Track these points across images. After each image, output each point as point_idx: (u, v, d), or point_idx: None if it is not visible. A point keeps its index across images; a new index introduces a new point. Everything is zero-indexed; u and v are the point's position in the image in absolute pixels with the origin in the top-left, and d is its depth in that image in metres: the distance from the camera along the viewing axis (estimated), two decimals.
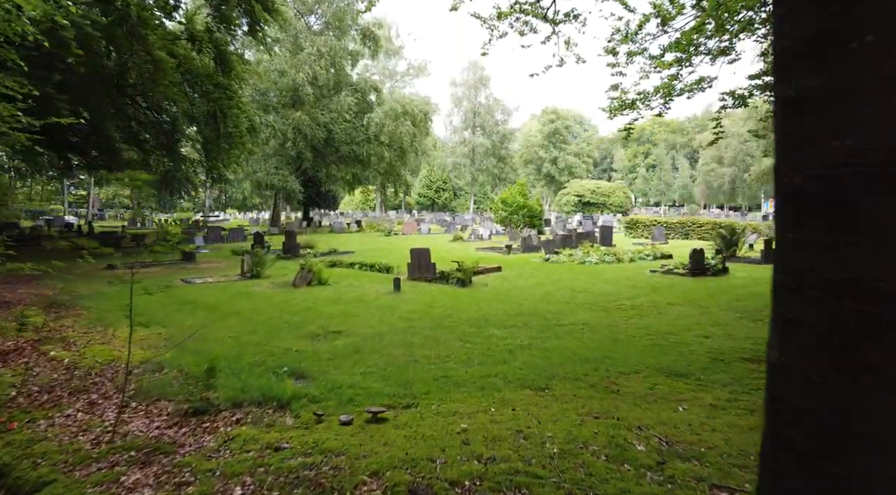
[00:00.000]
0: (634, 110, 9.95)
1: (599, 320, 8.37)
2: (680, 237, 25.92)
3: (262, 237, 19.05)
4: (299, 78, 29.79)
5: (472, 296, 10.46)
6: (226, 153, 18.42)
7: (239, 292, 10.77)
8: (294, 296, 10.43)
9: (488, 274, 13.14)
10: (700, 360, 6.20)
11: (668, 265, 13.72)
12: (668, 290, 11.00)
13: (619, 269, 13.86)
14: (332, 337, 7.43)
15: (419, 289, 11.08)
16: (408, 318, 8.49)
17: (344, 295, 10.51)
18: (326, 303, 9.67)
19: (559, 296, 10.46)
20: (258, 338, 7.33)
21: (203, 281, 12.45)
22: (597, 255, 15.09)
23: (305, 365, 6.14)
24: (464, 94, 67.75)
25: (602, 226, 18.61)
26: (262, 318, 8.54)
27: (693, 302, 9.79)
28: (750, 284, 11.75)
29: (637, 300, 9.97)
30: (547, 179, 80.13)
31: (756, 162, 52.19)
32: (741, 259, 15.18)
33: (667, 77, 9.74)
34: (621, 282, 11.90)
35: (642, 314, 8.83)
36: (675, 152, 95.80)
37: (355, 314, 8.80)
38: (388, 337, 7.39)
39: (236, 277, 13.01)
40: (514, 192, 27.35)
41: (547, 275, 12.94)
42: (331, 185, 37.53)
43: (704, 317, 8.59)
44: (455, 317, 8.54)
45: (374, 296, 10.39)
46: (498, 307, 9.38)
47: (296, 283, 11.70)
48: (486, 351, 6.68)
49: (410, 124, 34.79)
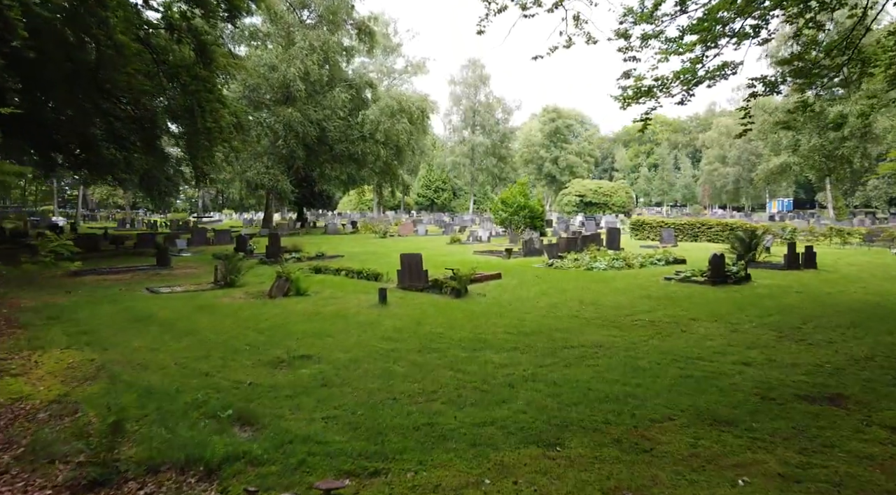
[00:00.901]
0: (652, 98, 8.75)
1: (614, 341, 7.16)
2: (688, 239, 24.71)
3: (245, 240, 17.86)
4: (290, 73, 28.58)
5: (468, 308, 9.26)
6: (206, 150, 17.22)
7: (204, 304, 9.57)
8: (265, 309, 9.23)
9: (486, 282, 11.95)
10: (746, 399, 5.00)
11: (683, 271, 12.52)
12: (688, 302, 9.79)
13: (629, 277, 12.65)
14: (298, 363, 6.23)
15: (408, 301, 9.88)
16: (391, 338, 7.29)
17: (322, 308, 9.31)
18: (300, 319, 8.47)
19: (566, 309, 9.26)
20: (209, 366, 6.14)
21: (170, 290, 11.25)
22: (605, 261, 13.88)
23: (258, 405, 4.95)
24: (463, 93, 66.51)
25: (609, 229, 17.41)
26: (221, 338, 7.34)
27: (719, 316, 8.59)
28: (778, 294, 10.54)
29: (655, 314, 8.77)
30: (548, 179, 78.93)
31: (763, 160, 50.90)
32: (761, 264, 13.98)
33: (689, 61, 8.54)
34: (634, 292, 10.70)
35: (663, 332, 7.63)
36: (677, 152, 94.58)
37: (331, 333, 7.59)
38: (364, 364, 6.19)
39: (209, 286, 11.82)
40: (515, 192, 26.14)
41: (551, 284, 11.73)
42: (324, 185, 36.31)
43: (736, 336, 7.39)
44: (446, 337, 7.34)
45: (355, 309, 9.19)
46: (496, 323, 8.18)
47: (271, 294, 10.50)
48: (482, 383, 5.49)
49: (407, 122, 33.56)
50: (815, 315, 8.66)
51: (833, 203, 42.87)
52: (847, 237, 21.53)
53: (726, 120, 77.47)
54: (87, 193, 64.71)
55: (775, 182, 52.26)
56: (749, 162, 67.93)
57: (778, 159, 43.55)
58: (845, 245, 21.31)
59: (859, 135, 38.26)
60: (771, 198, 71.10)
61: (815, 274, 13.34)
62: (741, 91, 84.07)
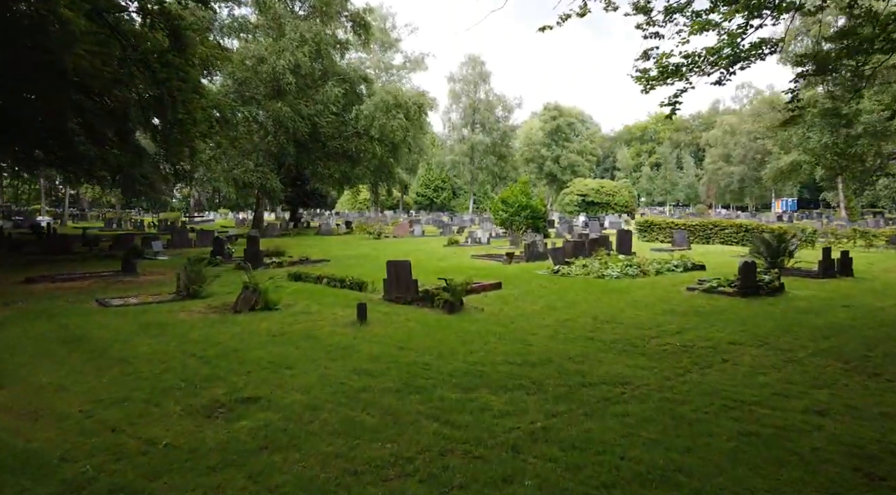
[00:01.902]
0: (681, 79, 7.32)
1: (643, 375, 5.75)
2: (700, 241, 23.29)
3: (223, 243, 16.44)
4: (280, 65, 27.14)
5: (462, 328, 7.85)
6: (180, 144, 15.80)
7: (152, 322, 8.15)
8: (223, 328, 7.81)
9: (485, 292, 10.54)
10: (844, 478, 3.58)
11: (707, 280, 11.11)
12: (720, 319, 8.38)
13: (647, 286, 11.23)
14: (239, 410, 4.82)
15: (392, 318, 8.46)
16: (366, 371, 5.88)
17: (290, 326, 7.90)
18: (260, 341, 7.05)
19: (578, 328, 7.85)
20: (123, 415, 4.73)
21: (123, 302, 9.84)
22: (617, 267, 12.46)
23: (163, 486, 3.55)
24: (462, 90, 65.14)
25: (619, 231, 15.99)
26: (154, 370, 5.92)
27: (763, 339, 7.17)
28: (822, 309, 9.13)
29: (685, 336, 7.36)
30: (549, 178, 77.56)
31: (772, 159, 49.43)
32: (790, 271, 12.57)
33: (726, 33, 7.12)
34: (655, 306, 9.28)
35: (701, 362, 6.22)
36: (679, 151, 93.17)
37: (292, 362, 6.18)
38: (325, 411, 4.78)
39: (169, 296, 10.40)
40: (516, 191, 24.75)
41: (559, 295, 10.32)
42: (317, 184, 34.85)
43: (793, 369, 5.97)
44: (434, 369, 5.93)
45: (329, 328, 7.77)
46: (495, 348, 6.77)
47: (236, 307, 9.10)
48: (476, 445, 4.08)
49: (403, 117, 32.11)
50: (879, 338, 7.25)
51: (845, 202, 41.44)
52: (872, 239, 20.11)
53: (730, 118, 76.08)
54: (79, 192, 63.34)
55: (785, 181, 50.70)
56: (755, 161, 66.50)
57: (788, 157, 42.10)
58: (870, 248, 19.90)
59: (873, 131, 36.84)
60: (776, 197, 69.68)
61: (853, 282, 11.93)
62: (745, 89, 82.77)
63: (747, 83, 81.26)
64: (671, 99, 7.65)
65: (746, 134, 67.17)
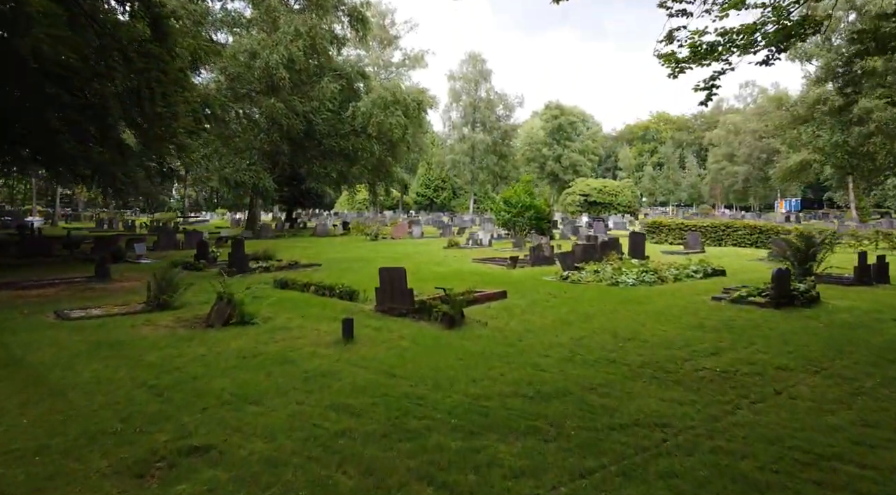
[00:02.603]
0: (717, 59, 6.29)
1: (683, 413, 4.72)
2: (712, 243, 22.26)
3: (207, 245, 15.41)
4: (273, 60, 26.08)
5: (463, 347, 6.81)
6: (161, 141, 14.75)
7: (108, 340, 7.11)
8: (187, 348, 6.77)
9: (488, 302, 9.51)
10: None
11: (732, 288, 10.10)
12: (758, 335, 7.35)
13: (667, 295, 10.18)
14: (183, 465, 3.79)
15: (384, 334, 7.42)
16: (347, 408, 4.85)
17: (266, 346, 6.86)
18: (227, 367, 6.02)
19: (597, 347, 6.82)
20: (31, 473, 3.70)
21: (84, 314, 8.81)
22: (632, 273, 11.42)
23: None
24: (463, 88, 64.09)
25: (633, 233, 14.94)
26: (92, 405, 4.90)
27: (816, 363, 6.14)
28: (870, 323, 8.10)
29: (723, 358, 6.32)
30: (551, 178, 76.50)
31: (781, 158, 48.33)
32: (822, 277, 11.53)
33: (771, 7, 6.09)
34: (681, 320, 8.25)
35: (749, 394, 5.19)
36: (681, 150, 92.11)
37: (259, 396, 5.15)
38: (290, 469, 3.75)
39: (138, 307, 9.37)
40: (519, 191, 23.71)
41: (571, 306, 9.27)
42: (313, 183, 33.80)
43: (865, 403, 4.94)
44: (429, 404, 4.91)
45: (310, 348, 6.73)
46: (503, 374, 5.74)
47: (209, 321, 8.07)
48: None
49: (402, 115, 31.05)
50: None
51: (856, 203, 40.39)
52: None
53: (734, 117, 74.98)
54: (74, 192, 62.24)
55: (794, 180, 49.55)
56: (759, 160, 65.44)
57: (798, 156, 41.05)
58: (895, 250, 18.88)
59: (886, 130, 35.83)
60: (781, 197, 68.62)
61: (893, 291, 10.90)
62: (749, 87, 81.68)
63: (751, 81, 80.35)
64: (707, 82, 6.62)
65: (751, 133, 66.09)
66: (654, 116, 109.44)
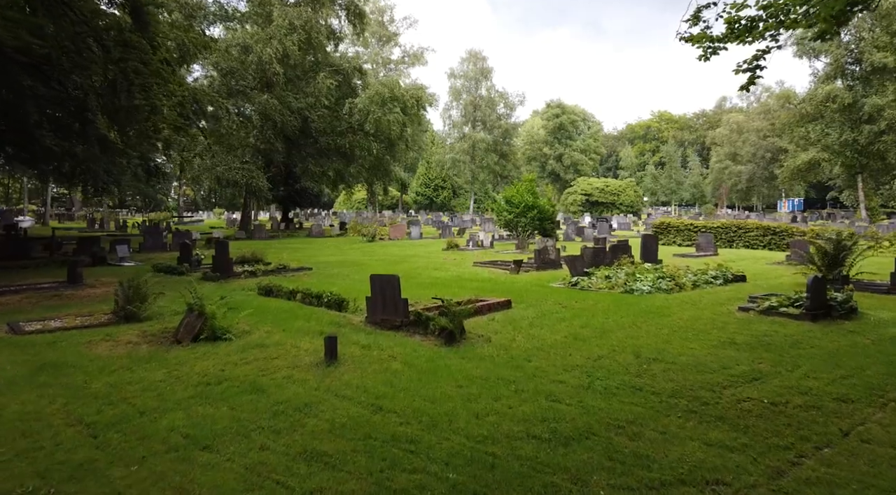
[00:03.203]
0: (759, 37, 5.37)
1: (737, 463, 3.80)
2: (723, 245, 21.34)
3: (190, 248, 14.47)
4: (266, 54, 25.13)
5: (463, 371, 5.89)
6: (142, 136, 13.81)
7: (54, 361, 6.18)
8: (144, 372, 5.85)
9: (491, 313, 8.58)
10: None
11: (758, 297, 9.19)
12: (800, 355, 6.43)
13: (688, 305, 9.25)
14: None
15: (373, 354, 6.49)
16: (321, 456, 3.93)
17: (235, 368, 5.94)
18: (185, 397, 5.09)
19: (618, 369, 5.89)
20: None
21: (41, 326, 7.90)
22: (647, 279, 10.49)
23: None
24: (463, 86, 63.13)
25: (645, 236, 13.98)
26: (5, 454, 3.98)
27: (879, 391, 5.22)
28: None
29: (767, 384, 5.41)
30: (552, 177, 75.61)
31: (787, 156, 47.32)
32: (854, 283, 10.60)
33: None
34: (710, 335, 7.32)
35: (811, 435, 4.27)
36: (684, 150, 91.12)
37: (214, 439, 4.22)
38: None
39: (103, 318, 8.46)
40: (522, 190, 22.78)
41: (584, 318, 8.34)
42: (308, 182, 32.86)
43: None
44: (423, 452, 3.99)
45: (286, 371, 5.81)
46: (511, 407, 4.82)
47: (178, 336, 7.15)
48: None
49: (400, 112, 30.11)
50: None
51: (865, 202, 39.45)
52: None
53: (737, 116, 73.98)
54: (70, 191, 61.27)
55: (802, 179, 48.48)
56: (764, 159, 64.45)
57: (806, 155, 40.10)
58: None
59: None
60: (785, 197, 67.64)
61: None
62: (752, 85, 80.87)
63: None
64: (750, 62, 5.69)
65: (755, 132, 65.13)
66: (656, 115, 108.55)
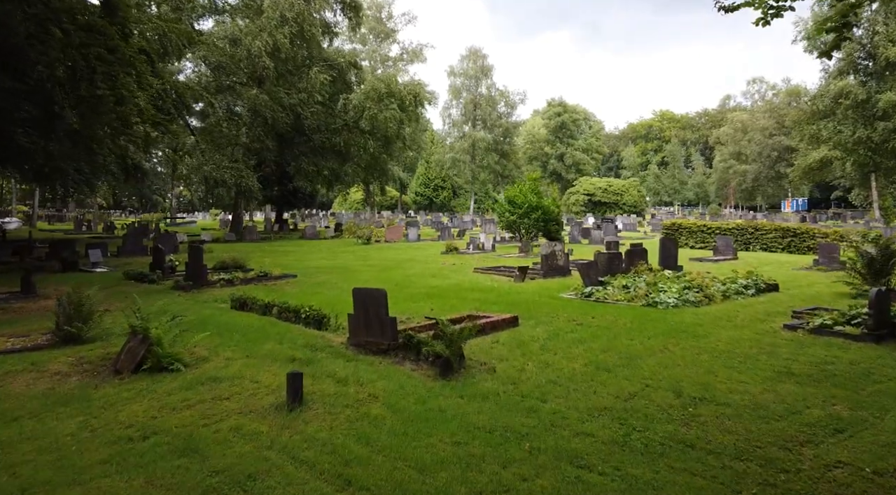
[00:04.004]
0: None
1: None
2: (739, 247, 20.06)
3: (163, 253, 13.23)
4: (255, 47, 23.89)
5: (462, 417, 4.64)
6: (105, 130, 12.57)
7: None
8: (55, 420, 4.61)
9: (495, 333, 7.33)
10: None
11: (803, 312, 7.97)
12: (876, 389, 5.19)
13: (723, 321, 7.99)
14: None
15: (349, 392, 5.23)
16: None
17: (170, 415, 4.68)
18: (91, 463, 3.84)
19: (658, 416, 4.64)
20: None
21: None
22: (672, 290, 9.23)
23: None
24: (463, 84, 61.79)
25: (663, 239, 12.72)
26: None
27: None
28: None
29: (859, 440, 4.16)
30: (553, 177, 74.37)
31: (796, 155, 46.05)
32: None
33: None
34: (759, 362, 6.07)
35: None
36: (686, 149, 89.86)
37: None
38: None
39: (42, 339, 7.23)
40: (525, 190, 21.53)
41: (606, 340, 7.09)
42: (302, 181, 31.63)
43: None
44: None
45: (234, 420, 4.55)
46: (525, 482, 3.57)
47: (118, 365, 5.92)
48: None
49: (397, 108, 28.86)
50: None
51: (879, 202, 38.16)
52: None
53: (741, 114, 72.67)
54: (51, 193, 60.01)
55: (814, 178, 47.18)
56: (770, 158, 63.15)
57: (818, 153, 38.85)
58: None
59: None
60: (790, 196, 66.35)
61: None
62: (757, 84, 79.40)
63: (759, 78, 77.97)
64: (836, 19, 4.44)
65: (761, 130, 63.83)
66: (658, 114, 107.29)
